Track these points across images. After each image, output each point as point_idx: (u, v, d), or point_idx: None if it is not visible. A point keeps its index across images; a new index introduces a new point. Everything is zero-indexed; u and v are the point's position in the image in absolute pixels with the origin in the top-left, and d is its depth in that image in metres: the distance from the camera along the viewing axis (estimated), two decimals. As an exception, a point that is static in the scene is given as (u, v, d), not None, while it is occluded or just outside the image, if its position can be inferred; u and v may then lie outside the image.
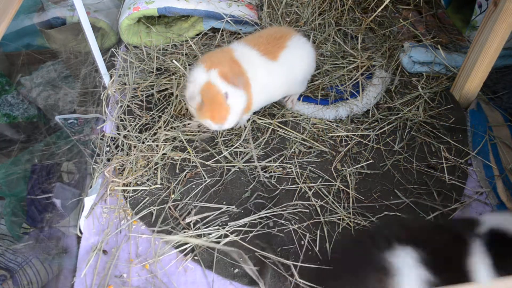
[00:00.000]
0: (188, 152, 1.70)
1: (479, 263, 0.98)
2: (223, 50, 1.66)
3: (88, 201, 1.57)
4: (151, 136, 1.74)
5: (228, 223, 1.48)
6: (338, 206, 1.53)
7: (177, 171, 1.66)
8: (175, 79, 1.94)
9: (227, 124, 1.52)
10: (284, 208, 1.53)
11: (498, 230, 1.02)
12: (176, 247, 1.44)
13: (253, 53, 1.64)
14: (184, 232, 1.46)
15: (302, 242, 1.44)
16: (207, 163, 1.68)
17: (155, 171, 1.65)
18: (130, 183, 1.60)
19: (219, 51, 1.64)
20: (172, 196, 1.58)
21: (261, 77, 1.63)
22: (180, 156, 1.68)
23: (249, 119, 1.79)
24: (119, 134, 1.77)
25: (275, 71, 1.67)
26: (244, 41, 1.70)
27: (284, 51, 1.68)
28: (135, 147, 1.70)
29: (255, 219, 1.50)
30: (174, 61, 1.97)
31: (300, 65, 1.74)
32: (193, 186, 1.62)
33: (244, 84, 1.53)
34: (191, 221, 1.50)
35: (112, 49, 2.17)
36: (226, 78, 1.47)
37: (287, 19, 2.25)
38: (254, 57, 1.63)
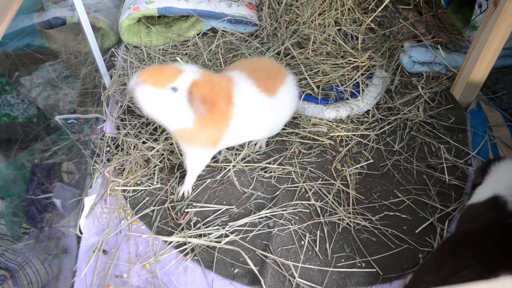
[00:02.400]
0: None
1: None
2: (226, 78, 1.45)
3: (88, 201, 1.57)
4: (151, 136, 1.74)
5: (228, 223, 1.48)
6: (338, 206, 1.53)
7: (177, 171, 1.66)
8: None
9: (139, 91, 1.26)
10: (284, 208, 1.53)
11: None
12: (176, 247, 1.44)
13: (254, 89, 1.46)
14: (184, 232, 1.46)
15: (302, 242, 1.44)
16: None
17: (155, 171, 1.65)
18: (130, 183, 1.60)
19: (222, 78, 1.44)
20: (171, 196, 1.58)
21: (252, 111, 1.47)
22: (180, 159, 1.68)
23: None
24: (119, 134, 1.77)
25: (272, 107, 1.52)
26: (246, 73, 1.49)
27: (281, 88, 1.53)
28: (135, 147, 1.70)
29: (255, 219, 1.50)
30: (178, 58, 1.97)
31: (291, 105, 1.61)
32: (193, 186, 1.61)
33: (202, 114, 1.29)
34: (191, 221, 1.50)
35: (112, 49, 2.17)
36: (194, 89, 1.26)
37: (287, 19, 2.25)
38: (254, 94, 1.47)
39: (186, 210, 1.53)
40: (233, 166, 1.66)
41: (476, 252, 1.07)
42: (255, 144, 1.72)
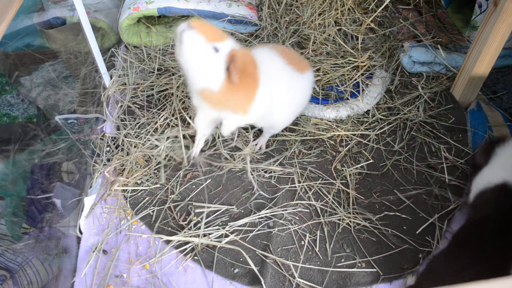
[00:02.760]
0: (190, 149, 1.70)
1: None
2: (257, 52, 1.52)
3: (88, 201, 1.57)
4: (151, 136, 1.74)
5: (228, 223, 1.48)
6: (338, 206, 1.53)
7: (177, 171, 1.66)
8: (175, 79, 1.94)
9: (190, 33, 1.26)
10: (284, 208, 1.53)
11: None
12: (176, 247, 1.44)
13: (279, 59, 1.53)
14: (184, 232, 1.46)
15: (302, 242, 1.44)
16: (207, 162, 1.68)
17: (155, 171, 1.65)
18: (130, 183, 1.60)
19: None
20: (172, 196, 1.58)
21: (280, 86, 1.52)
22: (182, 158, 1.68)
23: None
24: (119, 134, 1.77)
25: (299, 83, 1.59)
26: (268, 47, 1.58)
27: (307, 72, 1.62)
28: (135, 147, 1.70)
29: (255, 219, 1.50)
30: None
31: (307, 95, 1.67)
32: (193, 186, 1.62)
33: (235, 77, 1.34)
34: (191, 221, 1.50)
35: (112, 49, 2.17)
36: (234, 57, 1.31)
37: (287, 19, 2.25)
38: (283, 66, 1.53)
39: (186, 210, 1.53)
40: (233, 165, 1.66)
41: (489, 243, 1.07)
42: (256, 145, 1.72)
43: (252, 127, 1.78)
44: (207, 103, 1.44)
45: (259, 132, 1.78)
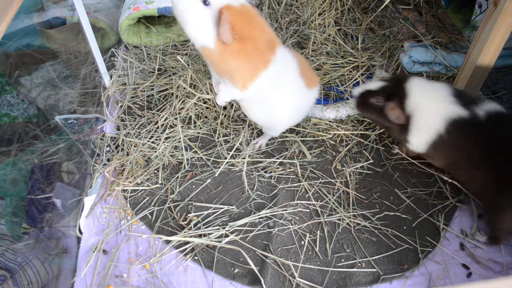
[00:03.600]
0: (195, 151, 1.70)
1: None
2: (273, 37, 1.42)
3: (88, 201, 1.57)
4: (151, 137, 1.74)
5: (228, 223, 1.48)
6: (338, 206, 1.53)
7: (177, 171, 1.66)
8: (175, 79, 1.94)
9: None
10: (284, 208, 1.53)
11: None
12: (176, 247, 1.44)
13: (295, 69, 1.49)
14: (184, 232, 1.46)
15: (302, 242, 1.44)
16: (207, 163, 1.68)
17: (155, 171, 1.65)
18: (130, 183, 1.60)
19: (269, 29, 1.39)
20: (171, 196, 1.58)
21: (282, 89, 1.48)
22: (183, 156, 1.68)
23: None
24: (119, 134, 1.77)
25: (303, 98, 1.58)
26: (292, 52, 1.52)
27: (314, 88, 1.61)
28: (135, 146, 1.71)
29: (255, 219, 1.50)
30: (178, 57, 1.98)
31: (307, 108, 1.66)
32: (193, 186, 1.62)
33: (228, 37, 1.24)
34: (191, 221, 1.50)
35: (112, 49, 2.17)
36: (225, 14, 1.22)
37: (287, 19, 2.25)
38: (294, 70, 1.49)
39: (186, 210, 1.53)
40: (233, 165, 1.66)
41: None
42: (256, 144, 1.72)
43: (255, 127, 1.78)
44: (207, 61, 1.37)
45: (259, 132, 1.78)
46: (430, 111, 1.39)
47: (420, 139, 1.43)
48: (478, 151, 1.33)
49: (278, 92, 1.47)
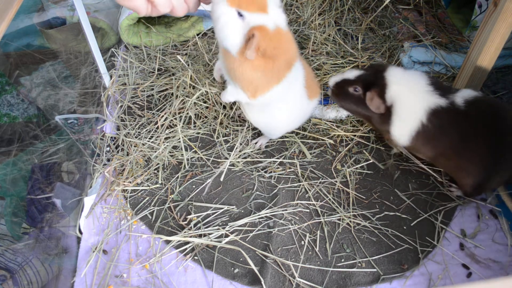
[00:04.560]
0: (195, 151, 1.70)
1: None
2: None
3: (88, 201, 1.57)
4: (151, 137, 1.74)
5: (228, 223, 1.48)
6: (338, 206, 1.53)
7: (177, 171, 1.66)
8: (175, 79, 1.94)
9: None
10: (284, 208, 1.53)
11: None
12: (176, 247, 1.44)
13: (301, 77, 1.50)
14: (184, 232, 1.46)
15: (302, 242, 1.44)
16: (207, 163, 1.68)
17: (155, 171, 1.65)
18: (130, 183, 1.60)
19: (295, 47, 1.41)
20: (171, 196, 1.58)
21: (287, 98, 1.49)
22: (183, 156, 1.68)
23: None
24: (119, 134, 1.77)
25: (302, 109, 1.59)
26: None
27: (315, 99, 1.61)
28: (135, 146, 1.71)
29: (255, 219, 1.50)
30: (178, 56, 1.98)
31: (304, 117, 1.67)
32: (193, 186, 1.62)
33: (251, 54, 1.26)
34: (191, 221, 1.50)
35: (112, 49, 2.17)
36: (256, 31, 1.22)
37: (287, 19, 2.25)
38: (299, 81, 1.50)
39: (186, 210, 1.53)
40: (233, 165, 1.66)
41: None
42: (256, 143, 1.72)
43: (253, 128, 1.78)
44: (225, 63, 1.38)
45: (259, 133, 1.78)
46: (411, 100, 1.39)
47: (403, 129, 1.44)
48: (463, 137, 1.36)
49: (281, 102, 1.48)
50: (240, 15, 1.22)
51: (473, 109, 1.36)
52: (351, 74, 1.45)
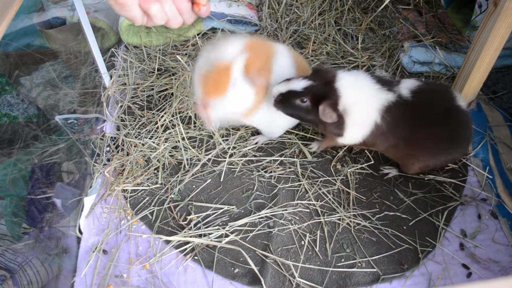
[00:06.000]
0: (195, 151, 1.70)
1: None
2: (267, 45, 1.50)
3: (88, 201, 1.57)
4: (151, 137, 1.74)
5: (228, 223, 1.48)
6: (338, 206, 1.53)
7: (177, 171, 1.66)
8: (175, 79, 1.94)
9: (212, 105, 1.38)
10: (284, 208, 1.53)
11: None
12: (176, 247, 1.44)
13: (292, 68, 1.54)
14: (184, 232, 1.46)
15: (302, 242, 1.44)
16: (208, 163, 1.68)
17: (155, 171, 1.65)
18: (130, 183, 1.60)
19: (264, 44, 1.49)
20: (172, 196, 1.58)
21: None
22: (182, 157, 1.68)
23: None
24: (119, 134, 1.77)
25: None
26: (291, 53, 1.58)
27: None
28: (135, 146, 1.70)
29: (255, 219, 1.50)
30: (178, 57, 1.98)
31: None
32: (193, 186, 1.62)
33: (262, 82, 1.41)
34: (191, 221, 1.50)
35: (112, 49, 2.17)
36: (248, 67, 1.35)
37: (287, 19, 2.25)
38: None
39: (186, 210, 1.53)
40: (233, 164, 1.66)
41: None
42: (254, 140, 1.73)
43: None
44: (250, 119, 1.55)
45: (258, 131, 1.78)
46: (364, 103, 1.40)
47: (357, 132, 1.45)
48: (412, 127, 1.40)
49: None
50: (233, 83, 1.34)
51: (419, 98, 1.39)
52: (298, 85, 1.40)
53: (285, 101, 1.43)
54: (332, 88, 1.39)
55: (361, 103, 1.40)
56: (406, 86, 1.42)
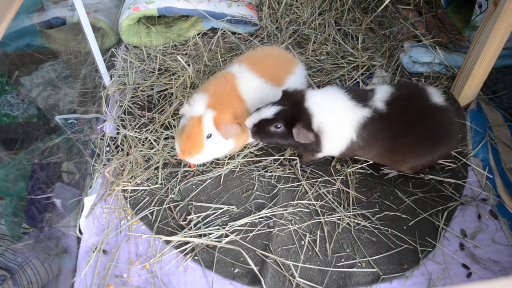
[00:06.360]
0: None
1: None
2: (228, 81, 1.53)
3: (88, 201, 1.57)
4: (151, 136, 1.74)
5: (228, 223, 1.48)
6: (338, 206, 1.53)
7: (177, 171, 1.66)
8: (175, 79, 1.94)
9: (193, 160, 1.47)
10: (284, 208, 1.53)
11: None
12: (176, 247, 1.44)
13: (258, 81, 1.57)
14: (184, 232, 1.46)
15: (302, 242, 1.44)
16: (208, 163, 1.68)
17: (155, 171, 1.65)
18: (130, 183, 1.60)
19: (224, 83, 1.52)
20: (172, 196, 1.58)
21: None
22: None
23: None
24: (119, 134, 1.77)
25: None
26: (250, 67, 1.58)
27: (289, 76, 1.63)
28: (135, 147, 1.71)
29: (255, 219, 1.50)
30: (178, 57, 1.98)
31: None
32: (193, 186, 1.62)
33: (236, 132, 1.45)
34: (191, 221, 1.50)
35: (112, 49, 2.17)
36: (217, 124, 1.42)
37: (287, 19, 2.25)
38: (258, 85, 1.56)
39: (186, 210, 1.53)
40: (235, 166, 1.66)
41: None
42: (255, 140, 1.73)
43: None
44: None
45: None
46: (338, 121, 1.39)
47: (334, 148, 1.47)
48: (393, 137, 1.41)
49: None
50: (208, 137, 1.44)
51: (394, 108, 1.39)
52: (268, 112, 1.39)
53: (260, 131, 1.41)
54: (302, 109, 1.37)
55: (336, 122, 1.39)
56: (380, 98, 1.40)
